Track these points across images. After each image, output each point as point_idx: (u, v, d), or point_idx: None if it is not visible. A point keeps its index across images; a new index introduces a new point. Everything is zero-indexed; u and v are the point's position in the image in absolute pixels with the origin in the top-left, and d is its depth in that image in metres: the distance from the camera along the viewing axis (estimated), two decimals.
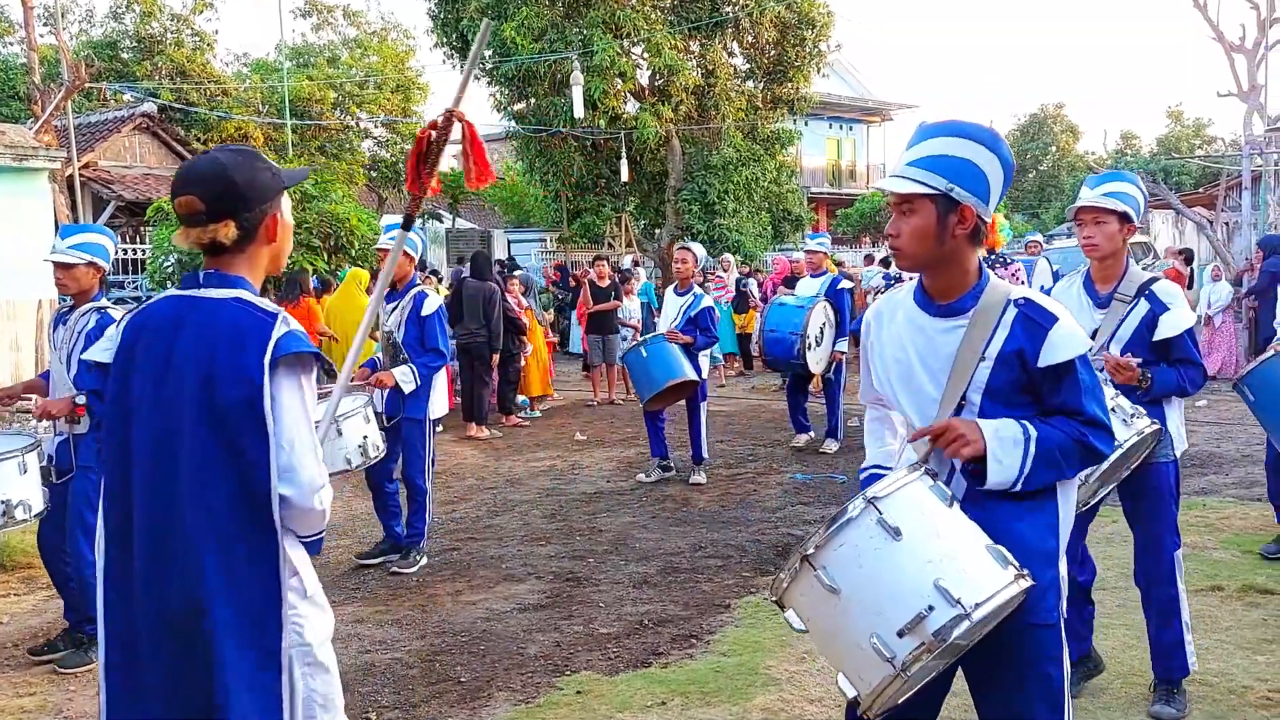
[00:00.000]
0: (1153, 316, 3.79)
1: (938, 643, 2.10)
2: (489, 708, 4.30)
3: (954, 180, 2.36)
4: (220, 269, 2.40)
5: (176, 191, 2.38)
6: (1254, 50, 18.17)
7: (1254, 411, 5.30)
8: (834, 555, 2.21)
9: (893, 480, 2.30)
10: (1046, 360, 2.36)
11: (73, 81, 13.98)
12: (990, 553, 2.23)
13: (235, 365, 2.26)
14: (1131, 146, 46.85)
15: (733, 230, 21.62)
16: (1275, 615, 4.99)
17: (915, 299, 2.53)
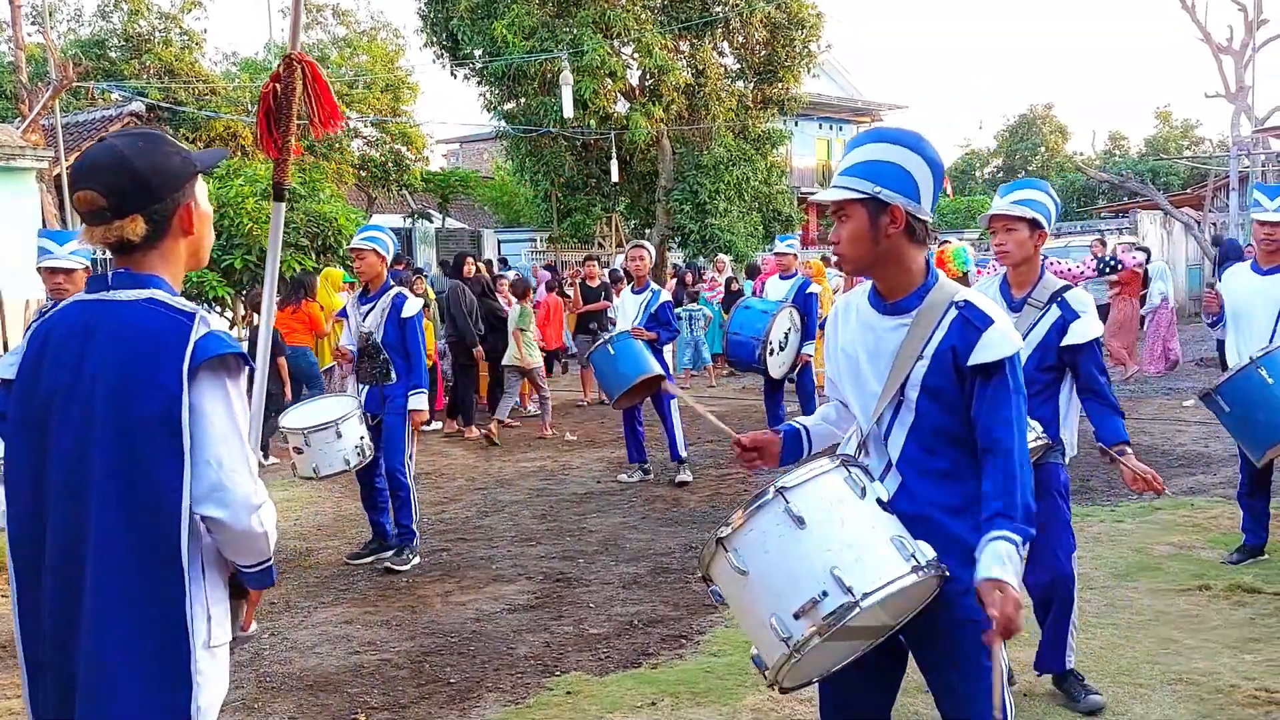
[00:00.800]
0: (1063, 323, 3.89)
1: (827, 626, 2.22)
2: (479, 708, 4.30)
3: (880, 183, 2.48)
4: (131, 268, 2.15)
5: (75, 186, 2.14)
6: (1241, 52, 18.26)
7: (1224, 422, 5.32)
8: (744, 539, 2.36)
9: (807, 470, 2.42)
10: (976, 359, 2.44)
11: (60, 80, 13.93)
12: (894, 544, 2.33)
13: (148, 375, 2.02)
14: (1120, 147, 47.04)
15: (724, 230, 21.63)
16: (1262, 614, 5.01)
17: (869, 298, 2.64)
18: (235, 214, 12.57)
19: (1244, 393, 5.08)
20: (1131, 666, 4.45)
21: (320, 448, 5.94)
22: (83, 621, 2.03)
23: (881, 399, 2.54)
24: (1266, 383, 4.99)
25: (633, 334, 8.24)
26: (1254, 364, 5.05)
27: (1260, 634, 4.76)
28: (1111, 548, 6.17)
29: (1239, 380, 5.10)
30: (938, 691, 2.60)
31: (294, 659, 4.89)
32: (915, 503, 2.49)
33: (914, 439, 2.52)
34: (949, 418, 2.50)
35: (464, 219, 31.87)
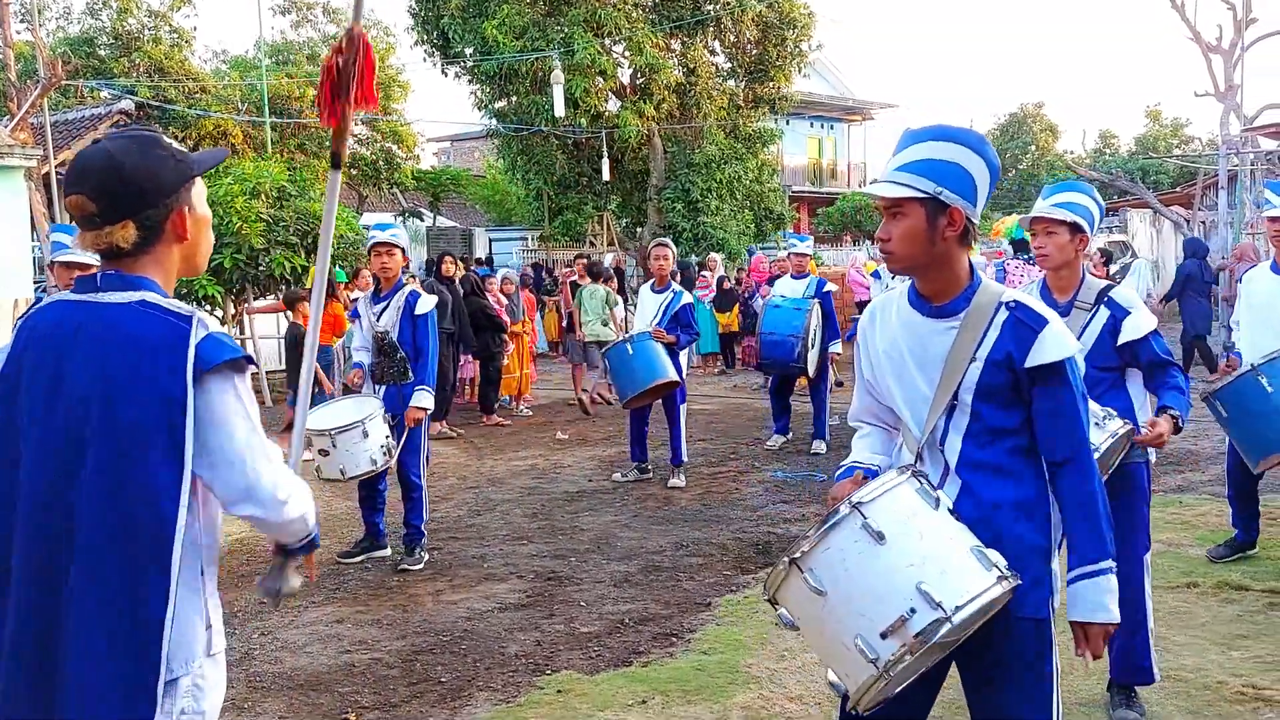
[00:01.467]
0: (1114, 322, 3.83)
1: (919, 644, 2.15)
2: (470, 707, 4.30)
3: (942, 183, 2.40)
4: (121, 270, 2.08)
5: (66, 190, 2.08)
6: (1230, 51, 18.31)
7: (1225, 426, 5.28)
8: (820, 558, 2.27)
9: (879, 484, 2.34)
10: (1035, 361, 2.39)
11: (49, 78, 13.87)
12: (974, 555, 2.27)
13: (144, 379, 1.96)
14: (1110, 146, 47.17)
15: (716, 228, 21.66)
16: (1250, 611, 5.04)
17: (909, 300, 2.57)
18: (225, 212, 12.55)
19: (1242, 398, 5.02)
20: None
21: (347, 448, 5.88)
22: (62, 636, 1.95)
23: (935, 405, 2.47)
24: (1266, 391, 4.91)
25: (654, 335, 8.15)
26: (1255, 370, 4.98)
27: (1248, 631, 4.78)
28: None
29: (1238, 385, 5.03)
30: (975, 691, 2.54)
31: (284, 658, 4.88)
32: (978, 506, 2.43)
33: (970, 442, 2.47)
34: (1004, 418, 2.45)
35: (455, 218, 31.83)
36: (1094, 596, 2.38)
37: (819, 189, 37.92)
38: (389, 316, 6.31)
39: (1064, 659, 4.39)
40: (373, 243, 6.47)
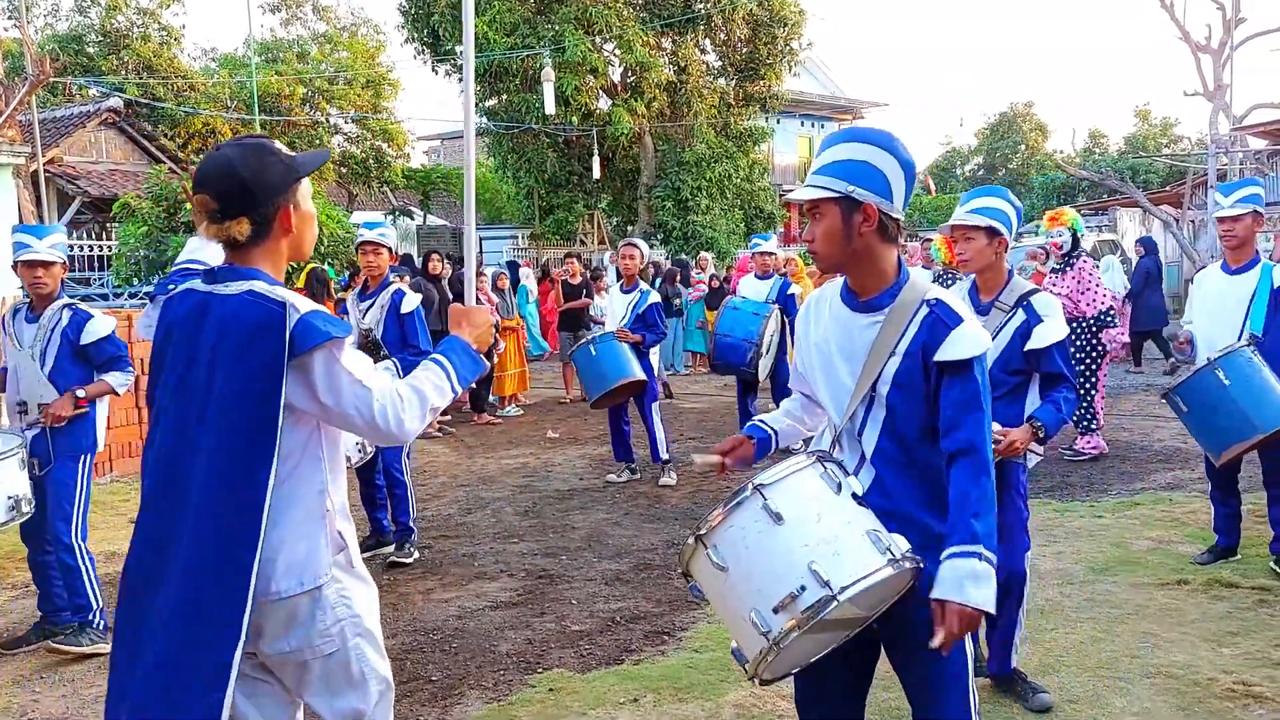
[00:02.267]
0: (1028, 327, 3.94)
1: (807, 619, 2.27)
2: (461, 706, 4.29)
3: (853, 182, 2.51)
4: (236, 263, 2.43)
5: (194, 191, 2.44)
6: (1220, 50, 18.38)
7: (1185, 422, 5.37)
8: (723, 536, 2.41)
9: (784, 467, 2.45)
10: (944, 356, 2.48)
11: (37, 75, 13.80)
12: (869, 537, 2.37)
13: (251, 357, 2.30)
14: (1100, 145, 47.30)
15: (706, 227, 21.66)
16: (1240, 608, 5.05)
17: (841, 294, 2.68)
18: None
19: (1201, 394, 5.13)
20: (1110, 660, 4.47)
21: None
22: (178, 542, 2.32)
23: (855, 395, 2.58)
24: (1223, 384, 5.03)
25: (618, 336, 8.15)
26: (1211, 365, 5.09)
27: (1238, 628, 4.79)
28: (1091, 543, 6.20)
29: (1196, 381, 5.15)
30: (905, 681, 2.66)
31: None
32: (889, 498, 2.53)
33: (887, 435, 2.57)
34: (920, 414, 2.54)
35: (445, 216, 31.78)
36: (954, 577, 2.40)
37: None
38: (374, 314, 6.32)
39: (1081, 657, 4.43)
40: (360, 240, 6.48)
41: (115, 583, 5.93)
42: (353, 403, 2.34)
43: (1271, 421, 5.01)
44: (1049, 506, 7.05)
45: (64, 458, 4.96)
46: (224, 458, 2.31)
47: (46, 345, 4.95)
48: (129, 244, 13.51)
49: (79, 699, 4.49)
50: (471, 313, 2.69)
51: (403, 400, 2.40)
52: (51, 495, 4.92)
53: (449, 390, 2.49)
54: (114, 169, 20.61)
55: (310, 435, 2.40)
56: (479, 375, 2.63)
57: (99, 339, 4.99)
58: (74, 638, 4.93)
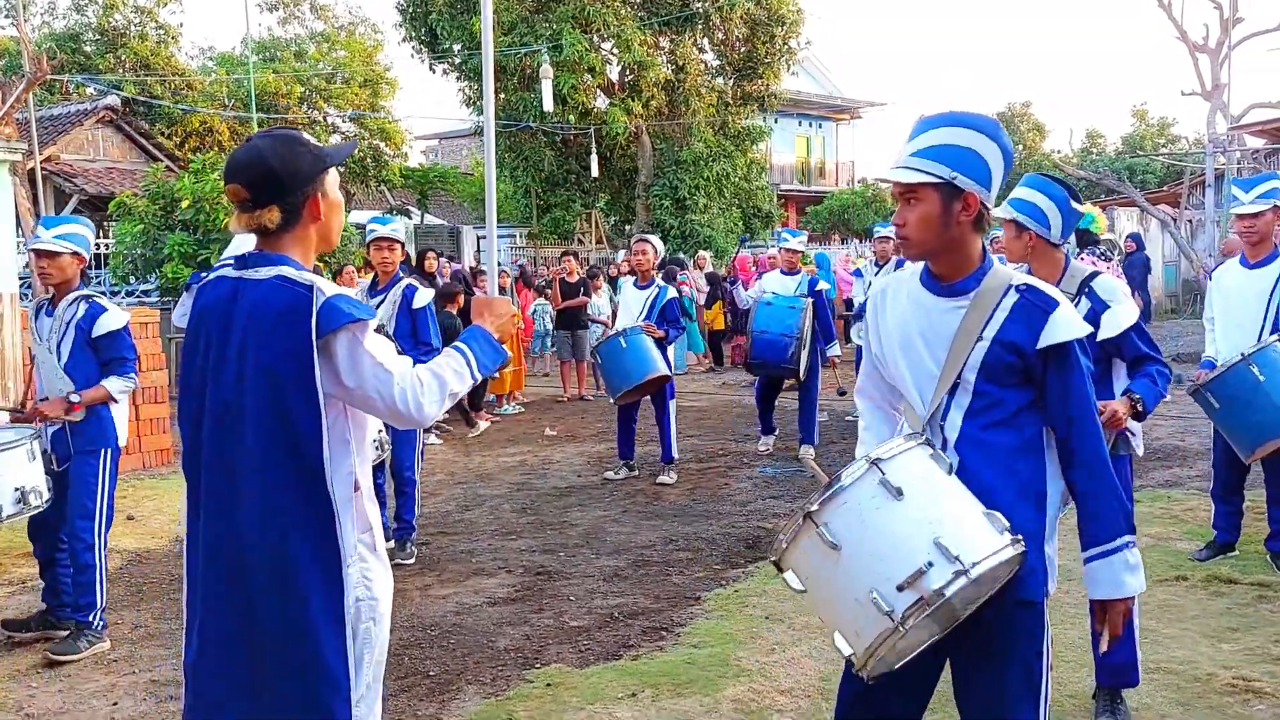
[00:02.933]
0: (1094, 315, 3.71)
1: (936, 597, 2.17)
2: (458, 701, 4.28)
3: (957, 168, 2.43)
4: (266, 249, 2.48)
5: (226, 180, 2.50)
6: (1217, 50, 18.39)
7: (1215, 418, 5.28)
8: (836, 512, 2.30)
9: (894, 445, 2.39)
10: (1046, 341, 2.42)
11: (34, 73, 13.76)
12: (987, 518, 2.30)
13: (282, 340, 2.35)
14: (1097, 145, 47.30)
15: (704, 226, 21.65)
16: (1239, 604, 5.04)
17: (921, 279, 2.60)
18: (211, 209, 12.46)
19: (1234, 389, 5.01)
20: None
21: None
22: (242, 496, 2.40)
23: (940, 381, 2.50)
24: (1258, 380, 4.91)
25: (644, 329, 8.06)
26: (1245, 360, 4.98)
27: (1237, 624, 4.79)
28: None
29: (1229, 376, 5.03)
30: (966, 680, 2.53)
31: None
32: (973, 481, 2.43)
33: (970, 420, 2.49)
34: (1006, 399, 2.47)
35: (443, 215, 31.74)
36: (1108, 574, 2.41)
37: (807, 188, 37.96)
38: (385, 310, 6.27)
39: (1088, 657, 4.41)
40: (374, 237, 6.52)
41: (114, 580, 5.94)
42: (374, 385, 2.38)
43: None
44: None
45: (83, 454, 4.91)
46: (272, 446, 2.36)
47: (62, 338, 4.91)
48: (125, 242, 13.48)
49: (75, 694, 4.47)
50: (494, 303, 2.72)
51: (423, 385, 2.43)
52: (72, 492, 4.87)
53: (469, 377, 2.52)
54: (111, 167, 20.57)
55: (338, 418, 2.43)
56: (500, 364, 2.67)
57: (109, 332, 4.92)
58: (70, 643, 4.86)
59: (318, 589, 2.36)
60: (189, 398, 2.51)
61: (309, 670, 2.36)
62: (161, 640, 5.06)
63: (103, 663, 4.82)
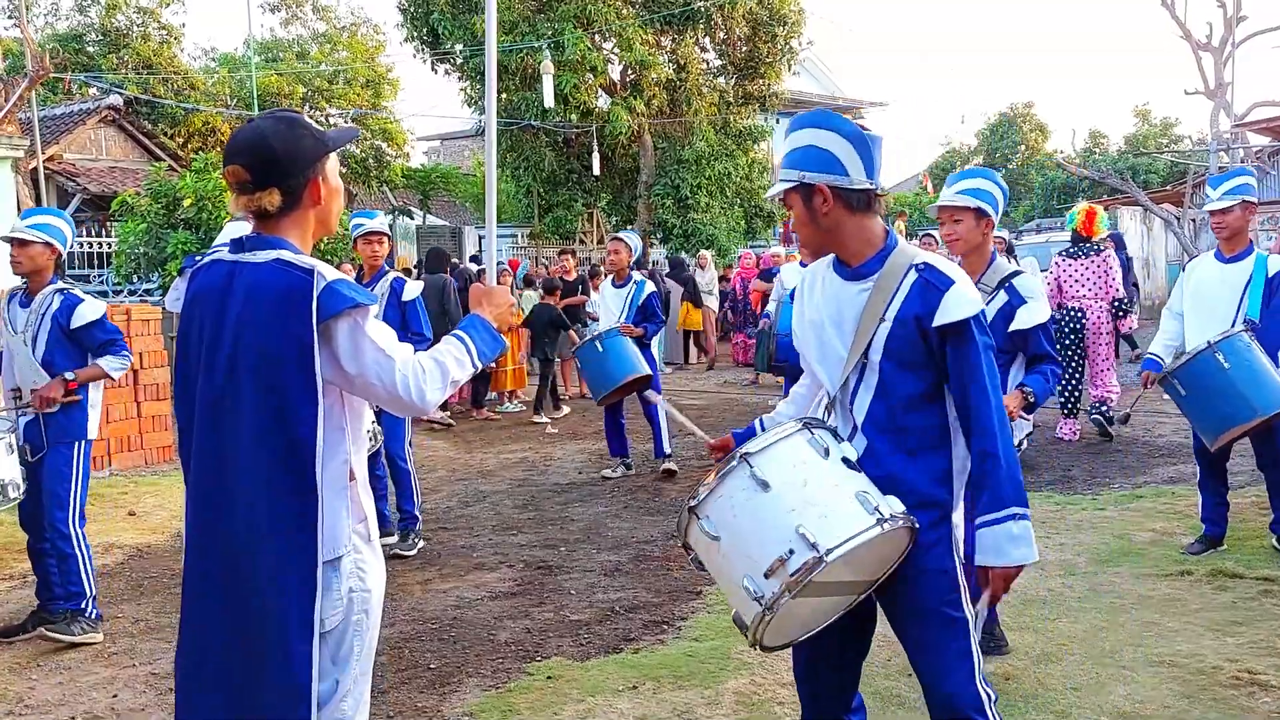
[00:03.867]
0: (1011, 308, 3.94)
1: (796, 582, 2.30)
2: (459, 693, 4.26)
3: (803, 168, 2.59)
4: (264, 232, 2.44)
5: (225, 161, 2.46)
6: (1221, 48, 18.37)
7: (1182, 406, 5.37)
8: (713, 506, 2.46)
9: (770, 435, 2.50)
10: (941, 320, 2.52)
11: (37, 71, 13.78)
12: (858, 499, 2.40)
13: (281, 324, 2.31)
14: (1100, 145, 47.27)
15: (706, 225, 21.62)
16: (1244, 598, 5.02)
17: (832, 265, 2.73)
18: (214, 207, 12.46)
19: (1200, 377, 5.12)
20: (1114, 649, 4.44)
21: None
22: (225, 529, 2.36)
23: (846, 363, 2.61)
24: (1223, 368, 5.02)
25: (622, 331, 8.01)
26: (1211, 348, 5.07)
27: (1242, 617, 4.76)
28: (1093, 534, 6.17)
29: (1195, 365, 5.13)
30: (904, 642, 2.68)
31: None
32: (882, 463, 2.57)
33: (878, 402, 2.60)
34: (912, 380, 2.57)
35: (445, 216, 31.74)
36: (992, 542, 2.52)
37: None
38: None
39: (1085, 647, 4.38)
40: (363, 231, 6.46)
41: (114, 574, 5.93)
42: (375, 371, 2.35)
43: (1270, 404, 5.02)
44: (1051, 499, 7.01)
45: (57, 445, 4.91)
46: (264, 432, 2.31)
47: (38, 330, 4.89)
48: (128, 241, 13.48)
49: (75, 686, 4.46)
50: (493, 293, 2.70)
51: (424, 371, 2.40)
52: (46, 482, 4.88)
53: (470, 365, 2.50)
54: (114, 166, 20.60)
55: (334, 405, 2.39)
56: (499, 353, 2.67)
57: (88, 323, 4.89)
58: (65, 626, 4.89)
59: (293, 590, 2.31)
60: (182, 383, 2.47)
61: (272, 671, 2.31)
62: (162, 634, 5.04)
63: (103, 655, 4.81)
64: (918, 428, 2.59)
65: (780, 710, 3.98)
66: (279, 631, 2.31)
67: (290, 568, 2.31)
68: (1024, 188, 45.07)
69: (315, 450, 2.32)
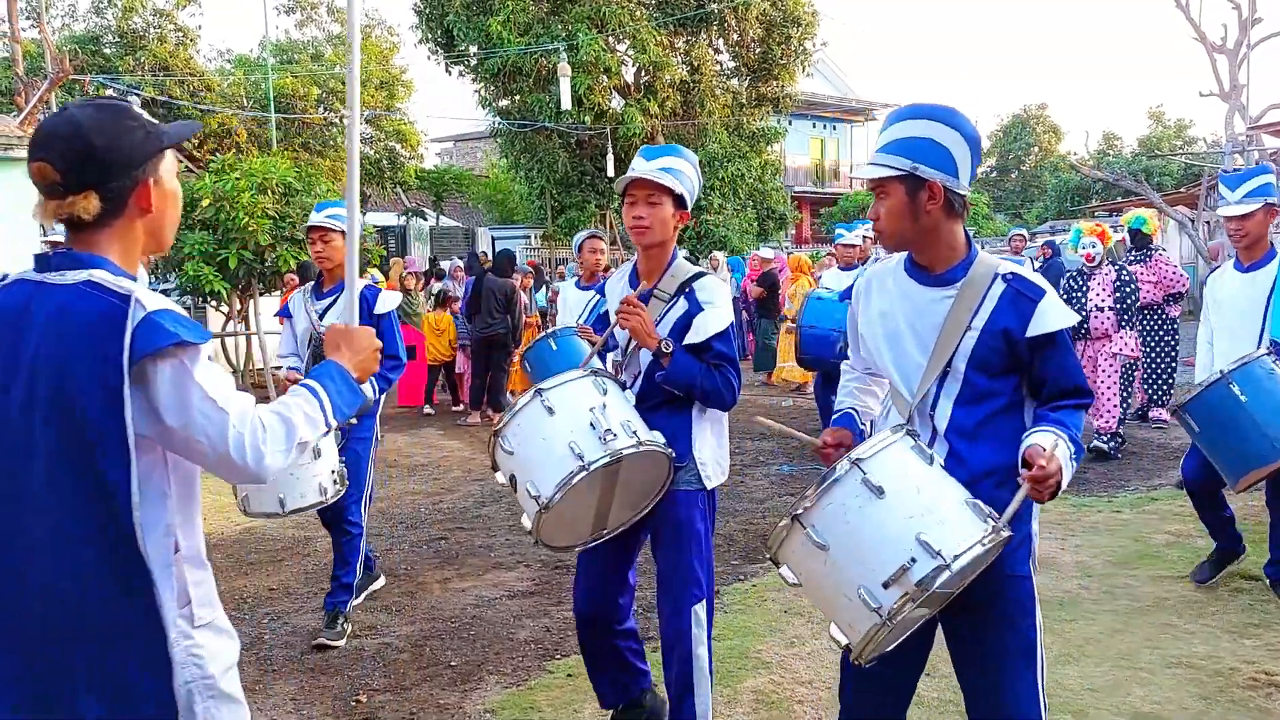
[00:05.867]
0: (688, 317, 3.34)
1: (920, 591, 2.22)
2: (480, 690, 4.30)
3: (917, 159, 2.49)
4: (77, 247, 1.99)
5: (30, 156, 1.99)
6: (1235, 50, 18.31)
7: (1197, 443, 4.75)
8: (822, 514, 2.35)
9: (876, 442, 2.41)
10: (1035, 330, 2.49)
11: (57, 72, 13.88)
12: (969, 507, 2.36)
13: (85, 366, 1.88)
14: (1113, 147, 47.14)
15: (718, 226, 21.66)
16: (1261, 600, 5.02)
17: (905, 269, 2.65)
18: (231, 208, 12.53)
19: (1213, 411, 4.46)
20: (1131, 651, 4.46)
21: (293, 472, 4.45)
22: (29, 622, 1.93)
23: (928, 371, 2.56)
24: (1239, 400, 4.37)
25: (579, 332, 6.76)
26: (1225, 378, 4.42)
27: (1259, 619, 4.77)
28: (1109, 537, 6.18)
29: (1208, 397, 4.46)
30: (964, 653, 2.61)
31: (295, 643, 4.88)
32: (965, 470, 2.49)
33: (960, 408, 2.55)
34: (995, 387, 2.54)
35: (458, 217, 31.86)
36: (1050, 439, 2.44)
37: (821, 189, 37.95)
38: (336, 316, 4.99)
39: (1101, 649, 4.38)
40: (309, 225, 5.19)
41: None
42: (202, 427, 1.90)
43: None
44: (1067, 501, 7.02)
45: None
46: (62, 492, 1.89)
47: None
48: None
49: None
50: (353, 335, 2.26)
51: (265, 430, 1.96)
52: None
53: (322, 424, 2.08)
54: None
55: (154, 465, 1.95)
56: (358, 409, 2.22)
57: None
58: None
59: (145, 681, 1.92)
60: None
61: None
62: None
63: None
64: (999, 435, 2.54)
65: (799, 709, 4.01)
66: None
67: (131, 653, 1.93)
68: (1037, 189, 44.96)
69: (133, 519, 1.88)
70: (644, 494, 3.31)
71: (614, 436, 3.01)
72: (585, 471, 2.94)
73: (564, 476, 2.95)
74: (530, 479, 3.03)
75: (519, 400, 3.07)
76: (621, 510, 3.36)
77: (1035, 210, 40.91)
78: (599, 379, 3.14)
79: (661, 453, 3.10)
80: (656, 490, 3.32)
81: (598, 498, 3.19)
